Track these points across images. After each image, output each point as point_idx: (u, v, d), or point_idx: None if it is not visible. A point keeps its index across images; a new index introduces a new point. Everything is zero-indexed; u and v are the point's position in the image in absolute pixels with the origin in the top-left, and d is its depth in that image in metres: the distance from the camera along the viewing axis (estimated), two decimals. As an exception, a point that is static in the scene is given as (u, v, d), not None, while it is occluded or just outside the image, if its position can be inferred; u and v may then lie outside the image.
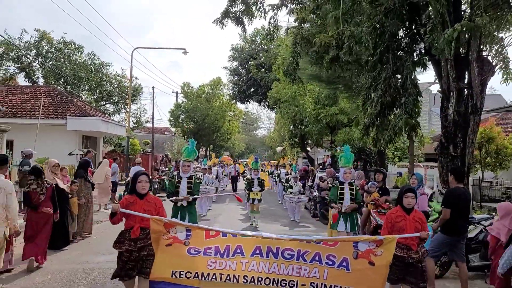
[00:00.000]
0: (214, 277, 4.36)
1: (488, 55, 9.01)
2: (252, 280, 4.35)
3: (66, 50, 28.69)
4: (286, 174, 17.59)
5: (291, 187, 14.15)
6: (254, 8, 10.63)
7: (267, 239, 4.48)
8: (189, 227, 4.66)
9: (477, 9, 7.81)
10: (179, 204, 7.31)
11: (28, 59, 27.97)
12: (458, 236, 6.02)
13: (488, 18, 7.56)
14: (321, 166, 22.83)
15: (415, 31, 9.76)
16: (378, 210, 8.25)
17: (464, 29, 7.05)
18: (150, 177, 6.05)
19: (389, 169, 19.93)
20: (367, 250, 4.43)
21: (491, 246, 5.78)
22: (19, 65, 28.06)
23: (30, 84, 27.42)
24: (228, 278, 4.35)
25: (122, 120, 29.82)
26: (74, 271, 6.68)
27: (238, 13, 10.72)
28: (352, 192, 7.92)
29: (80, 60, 28.77)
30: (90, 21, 68.49)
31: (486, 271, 6.64)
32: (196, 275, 4.37)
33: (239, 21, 10.97)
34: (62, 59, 28.45)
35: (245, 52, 37.72)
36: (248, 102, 43.26)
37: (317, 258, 4.42)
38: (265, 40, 13.38)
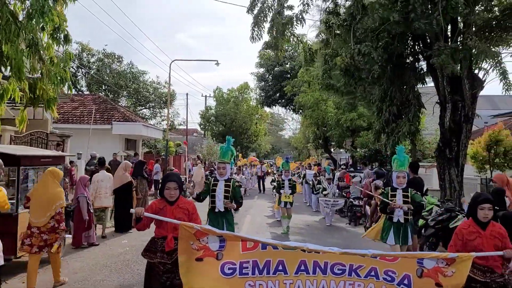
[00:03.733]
0: None
1: (483, 70, 10.63)
2: None
3: (106, 60, 31.36)
4: (315, 175, 17.06)
5: (324, 189, 13.73)
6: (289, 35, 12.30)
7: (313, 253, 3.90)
8: (223, 236, 3.96)
9: (465, 34, 9.51)
10: (216, 210, 6.45)
11: (73, 70, 30.73)
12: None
13: (479, 41, 9.18)
14: (343, 166, 24.59)
15: (418, 50, 11.45)
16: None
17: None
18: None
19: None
20: (434, 268, 3.83)
21: None
22: (65, 75, 30.91)
23: (75, 92, 30.17)
24: None
25: (157, 124, 32.32)
26: (143, 245, 8.69)
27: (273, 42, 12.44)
28: (406, 199, 6.83)
29: (119, 69, 31.37)
30: (126, 30, 72.48)
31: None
32: None
33: (276, 48, 12.77)
34: (103, 69, 31.13)
35: (271, 59, 39.65)
36: (274, 106, 45.11)
37: (373, 273, 3.87)
38: (305, 63, 14.34)
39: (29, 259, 5.78)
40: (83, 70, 30.59)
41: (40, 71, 6.63)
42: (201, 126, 41.62)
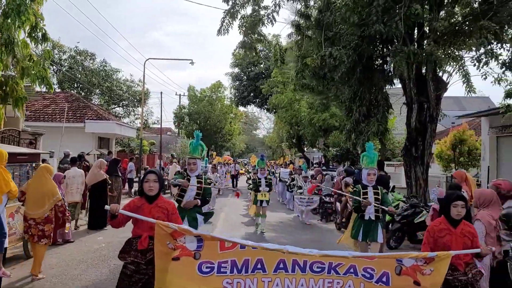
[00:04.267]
0: None
1: (446, 72, 11.16)
2: None
3: (79, 58, 30.92)
4: (290, 173, 17.07)
5: (300, 187, 13.69)
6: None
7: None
8: (201, 236, 3.85)
9: (428, 39, 9.99)
10: (182, 205, 6.39)
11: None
12: None
13: (437, 47, 9.65)
14: (315, 165, 25.11)
15: (386, 53, 11.91)
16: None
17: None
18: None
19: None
20: (413, 266, 3.88)
21: None
22: (36, 72, 30.33)
23: (47, 90, 29.64)
24: None
25: (131, 122, 32.12)
26: (120, 242, 8.71)
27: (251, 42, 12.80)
28: (377, 197, 6.77)
29: (92, 67, 31.00)
30: (100, 28, 71.15)
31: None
32: None
33: (251, 49, 13.14)
34: (75, 66, 30.69)
35: (246, 59, 39.87)
36: (249, 106, 45.25)
37: (352, 270, 3.86)
38: (275, 62, 14.62)
39: (33, 248, 6.58)
40: (54, 67, 30.07)
41: (15, 69, 6.69)
42: (175, 124, 41.49)
